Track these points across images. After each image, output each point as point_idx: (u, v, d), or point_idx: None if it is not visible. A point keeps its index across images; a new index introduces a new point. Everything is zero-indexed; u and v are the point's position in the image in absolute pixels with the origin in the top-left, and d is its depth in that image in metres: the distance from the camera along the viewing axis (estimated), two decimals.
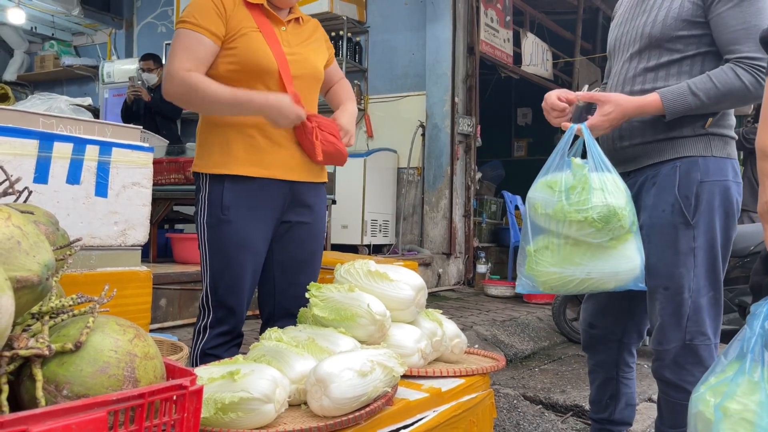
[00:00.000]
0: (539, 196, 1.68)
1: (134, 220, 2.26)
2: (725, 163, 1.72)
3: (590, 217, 1.57)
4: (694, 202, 1.69)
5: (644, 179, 1.78)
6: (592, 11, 8.62)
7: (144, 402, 0.84)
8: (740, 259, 3.51)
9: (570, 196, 1.61)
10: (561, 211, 1.61)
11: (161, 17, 7.88)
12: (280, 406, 1.24)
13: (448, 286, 5.91)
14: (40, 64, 8.31)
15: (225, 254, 1.81)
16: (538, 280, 1.70)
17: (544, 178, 1.70)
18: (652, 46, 1.74)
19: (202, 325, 1.86)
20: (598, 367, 2.02)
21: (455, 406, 1.57)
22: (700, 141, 1.71)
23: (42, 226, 1.09)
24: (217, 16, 1.77)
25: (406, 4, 6.18)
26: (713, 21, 1.67)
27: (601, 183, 1.61)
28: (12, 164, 1.94)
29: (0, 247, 0.80)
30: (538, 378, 3.44)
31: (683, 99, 1.64)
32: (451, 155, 5.89)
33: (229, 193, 1.80)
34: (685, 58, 1.72)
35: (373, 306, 1.56)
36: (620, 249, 1.63)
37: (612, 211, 1.57)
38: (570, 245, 1.64)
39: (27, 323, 0.89)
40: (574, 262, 1.64)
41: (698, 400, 1.19)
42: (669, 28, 1.70)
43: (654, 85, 1.74)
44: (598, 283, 1.66)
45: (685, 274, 1.70)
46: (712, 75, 1.64)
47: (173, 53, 1.77)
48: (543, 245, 1.68)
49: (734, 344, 1.18)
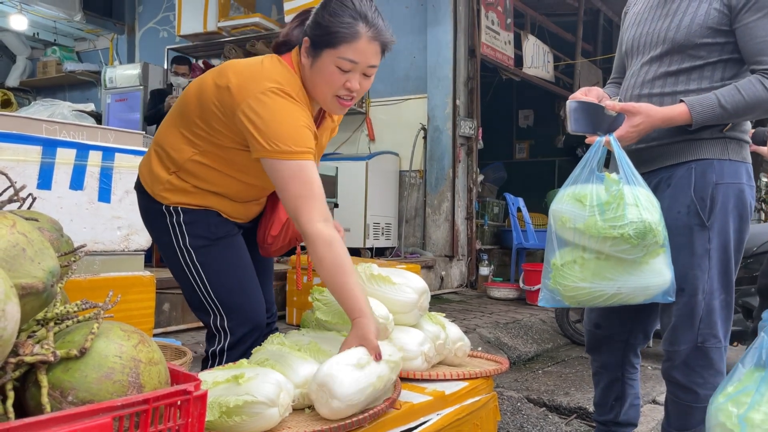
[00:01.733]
0: (567, 209, 1.65)
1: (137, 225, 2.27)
2: (740, 167, 1.72)
3: (626, 234, 1.55)
4: (709, 204, 1.69)
5: (659, 180, 1.78)
6: (592, 13, 8.62)
7: (149, 407, 0.84)
8: (744, 260, 3.51)
9: (605, 212, 1.57)
10: (594, 226, 1.58)
11: (163, 22, 7.90)
12: (285, 410, 1.25)
13: (450, 288, 5.91)
14: (43, 70, 8.33)
15: (225, 269, 1.66)
16: (565, 294, 1.67)
17: (571, 191, 1.66)
18: (675, 51, 1.73)
19: (218, 349, 1.68)
20: (603, 369, 2.01)
21: (459, 409, 1.57)
22: (716, 144, 1.71)
23: (46, 233, 1.10)
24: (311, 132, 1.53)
25: (407, 7, 6.19)
26: (740, 31, 1.66)
27: (635, 198, 1.58)
28: (15, 170, 1.95)
29: (5, 255, 0.80)
30: (542, 380, 3.44)
31: (712, 111, 1.63)
32: (453, 158, 5.90)
33: (213, 214, 1.66)
34: (708, 64, 1.71)
35: (377, 309, 1.56)
36: (651, 264, 1.62)
37: (648, 227, 1.55)
38: (602, 260, 1.62)
39: (32, 330, 0.90)
40: (605, 277, 1.62)
41: (719, 411, 1.18)
42: (693, 35, 1.69)
43: (674, 88, 1.74)
44: (628, 298, 1.64)
45: (699, 276, 1.69)
46: (740, 87, 1.63)
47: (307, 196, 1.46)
48: (570, 259, 1.65)
49: (751, 352, 1.18)
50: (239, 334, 1.67)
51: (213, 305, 1.67)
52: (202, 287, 1.67)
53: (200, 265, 1.65)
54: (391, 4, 6.26)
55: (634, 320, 1.93)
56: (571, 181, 1.69)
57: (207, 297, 1.67)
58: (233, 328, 1.67)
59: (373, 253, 5.71)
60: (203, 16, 6.38)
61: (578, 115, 1.75)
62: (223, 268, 1.67)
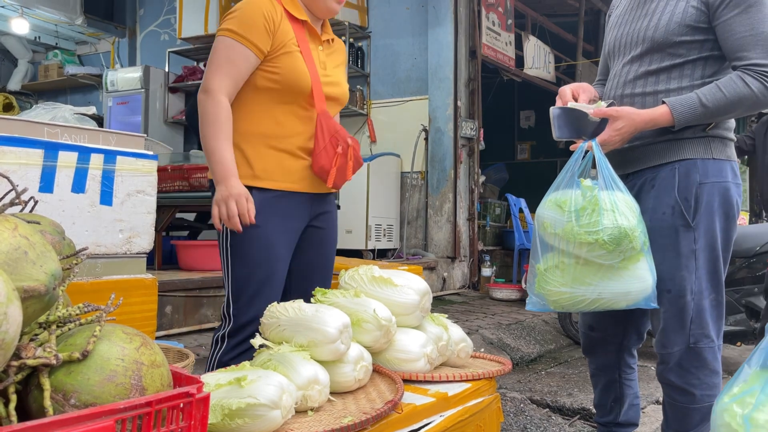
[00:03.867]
0: (548, 215, 1.67)
1: (139, 227, 2.27)
2: (724, 165, 1.71)
3: (601, 240, 1.56)
4: (693, 204, 1.68)
5: (643, 182, 1.78)
6: (593, 13, 8.62)
7: (151, 410, 0.84)
8: (746, 260, 3.50)
9: (580, 218, 1.59)
10: (571, 232, 1.60)
11: (164, 25, 7.92)
12: (287, 412, 1.24)
13: (453, 289, 5.91)
14: (44, 74, 8.35)
15: (249, 261, 1.77)
16: (549, 299, 1.69)
17: (553, 196, 1.68)
18: (654, 50, 1.74)
19: (221, 335, 1.81)
20: (600, 371, 2.01)
21: (462, 410, 1.57)
22: (699, 143, 1.71)
23: (48, 236, 1.10)
24: (266, 31, 1.74)
25: (408, 8, 6.20)
26: (719, 27, 1.66)
27: (612, 204, 1.59)
28: (18, 174, 1.95)
29: (7, 258, 0.80)
30: (545, 381, 3.43)
31: (693, 110, 1.63)
32: (455, 159, 5.90)
33: (257, 199, 1.75)
34: (687, 62, 1.71)
35: (379, 311, 1.56)
36: (632, 269, 1.62)
37: (623, 233, 1.56)
38: (581, 265, 1.63)
39: (34, 333, 0.90)
40: (584, 282, 1.63)
41: (724, 412, 1.18)
42: (672, 33, 1.70)
43: (655, 87, 1.74)
44: (609, 303, 1.65)
45: (687, 277, 1.69)
46: (721, 84, 1.63)
47: (217, 64, 1.73)
48: (553, 264, 1.67)
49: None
50: (241, 321, 1.78)
51: (226, 288, 1.82)
52: (225, 268, 1.82)
53: (231, 248, 1.79)
54: (392, 5, 6.28)
55: (627, 321, 1.93)
56: (554, 186, 1.70)
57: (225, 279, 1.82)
58: (236, 315, 1.78)
59: (375, 254, 5.71)
60: (204, 18, 6.40)
61: (561, 121, 1.75)
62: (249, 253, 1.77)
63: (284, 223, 1.81)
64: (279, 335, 1.50)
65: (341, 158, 1.83)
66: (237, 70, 1.72)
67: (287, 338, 1.48)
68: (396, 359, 1.62)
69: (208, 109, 1.71)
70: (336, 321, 1.45)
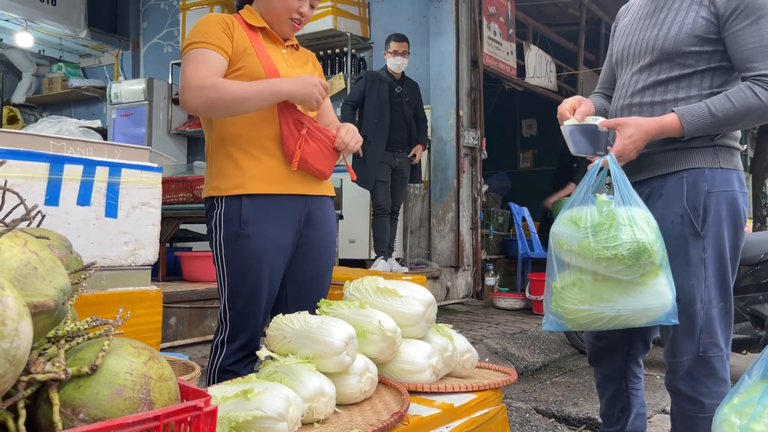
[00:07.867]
0: (564, 232, 1.65)
1: (144, 239, 2.28)
2: (731, 174, 1.72)
3: (620, 254, 1.53)
4: (702, 213, 1.68)
5: (650, 190, 1.78)
6: (594, 22, 8.65)
7: (159, 424, 0.84)
8: (751, 267, 3.49)
9: (597, 233, 1.57)
10: (588, 248, 1.57)
11: (167, 38, 7.97)
12: (294, 424, 1.25)
13: (456, 299, 5.90)
14: (49, 87, 8.40)
15: (243, 268, 1.81)
16: (566, 317, 1.66)
17: (568, 213, 1.66)
18: (663, 60, 1.74)
19: (219, 340, 1.86)
20: (606, 381, 2.00)
21: (468, 421, 1.57)
22: (707, 152, 1.71)
23: (56, 250, 1.11)
24: (224, 34, 1.81)
25: (409, 19, 6.23)
26: (729, 38, 1.66)
27: (630, 219, 1.57)
28: (23, 187, 1.96)
29: (18, 273, 0.81)
30: (550, 391, 3.42)
31: (703, 120, 1.63)
32: (457, 168, 5.90)
33: (248, 207, 1.80)
34: (696, 72, 1.72)
35: (385, 322, 1.56)
36: (651, 285, 1.59)
37: (642, 247, 1.54)
38: (599, 282, 1.60)
39: (43, 347, 0.90)
40: (603, 299, 1.60)
41: (723, 422, 1.18)
42: (681, 44, 1.70)
43: (664, 97, 1.75)
44: (629, 320, 1.62)
45: (696, 286, 1.69)
46: (731, 95, 1.63)
47: (186, 69, 1.77)
48: (570, 282, 1.64)
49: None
50: (237, 327, 1.83)
51: (221, 295, 1.87)
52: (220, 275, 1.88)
53: (225, 257, 1.84)
54: (394, 16, 6.31)
55: (633, 331, 1.92)
56: (569, 204, 1.69)
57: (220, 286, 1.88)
58: (232, 321, 1.84)
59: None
60: None
61: (576, 138, 1.76)
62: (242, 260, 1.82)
63: (276, 228, 1.83)
64: (285, 347, 1.51)
65: (307, 141, 1.84)
66: (210, 65, 1.77)
67: (293, 350, 1.49)
68: (401, 370, 1.62)
69: (209, 94, 1.72)
70: (341, 333, 1.45)
